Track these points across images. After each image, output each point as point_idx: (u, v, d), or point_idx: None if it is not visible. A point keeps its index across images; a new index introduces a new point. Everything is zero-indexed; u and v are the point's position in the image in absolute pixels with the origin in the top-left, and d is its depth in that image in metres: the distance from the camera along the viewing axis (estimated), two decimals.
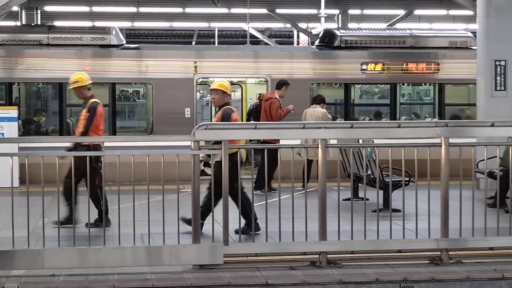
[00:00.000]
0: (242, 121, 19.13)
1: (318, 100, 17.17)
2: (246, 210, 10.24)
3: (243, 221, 10.09)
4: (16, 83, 19.08)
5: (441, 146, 9.27)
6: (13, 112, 17.58)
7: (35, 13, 28.25)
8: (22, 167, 9.50)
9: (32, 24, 25.95)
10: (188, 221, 9.64)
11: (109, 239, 8.97)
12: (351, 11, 28.79)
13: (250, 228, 9.98)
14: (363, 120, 20.00)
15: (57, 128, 19.09)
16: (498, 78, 16.66)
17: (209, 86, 21.46)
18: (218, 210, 8.97)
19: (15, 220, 8.72)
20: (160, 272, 8.76)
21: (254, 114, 16.78)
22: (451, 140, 9.31)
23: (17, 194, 8.93)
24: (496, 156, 9.66)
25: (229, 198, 9.05)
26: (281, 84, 16.85)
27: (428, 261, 9.25)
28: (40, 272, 8.63)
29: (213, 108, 21.90)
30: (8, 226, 8.73)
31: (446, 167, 9.27)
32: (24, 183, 9.32)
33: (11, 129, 17.33)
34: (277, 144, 13.12)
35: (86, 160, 8.92)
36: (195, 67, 18.89)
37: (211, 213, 9.29)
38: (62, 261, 8.67)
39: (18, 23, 27.97)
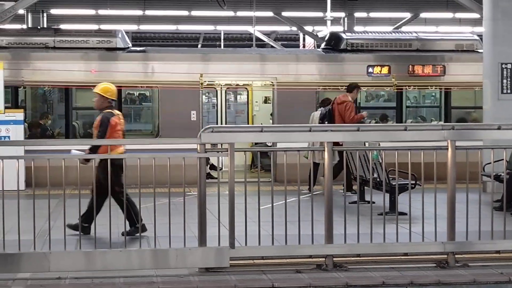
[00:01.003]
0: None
1: (326, 103, 17.16)
2: (130, 213, 10.26)
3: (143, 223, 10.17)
4: (22, 86, 19.10)
5: (447, 149, 9.25)
6: (19, 115, 17.60)
7: (41, 16, 28.28)
8: (28, 170, 9.50)
9: (38, 27, 26.00)
10: (73, 227, 9.75)
11: (115, 242, 8.96)
12: (357, 14, 28.76)
13: (136, 230, 10.00)
14: (369, 123, 19.97)
15: (63, 131, 19.11)
16: (505, 81, 16.62)
17: (215, 89, 21.62)
18: (224, 213, 8.96)
19: (21, 223, 8.73)
20: (166, 275, 8.76)
21: (328, 117, 16.78)
22: (458, 143, 9.29)
23: (23, 197, 8.94)
24: (502, 159, 9.64)
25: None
26: (353, 87, 16.92)
27: (435, 264, 9.23)
28: (46, 275, 8.63)
29: (219, 110, 21.90)
30: (14, 229, 8.74)
31: (453, 170, 9.26)
32: (30, 186, 9.32)
33: (17, 132, 17.35)
34: (276, 147, 13.10)
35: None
36: (201, 76, 18.89)
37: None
38: (68, 264, 8.67)
39: (24, 26, 28.00)
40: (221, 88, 21.86)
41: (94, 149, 10.53)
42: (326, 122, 16.30)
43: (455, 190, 9.30)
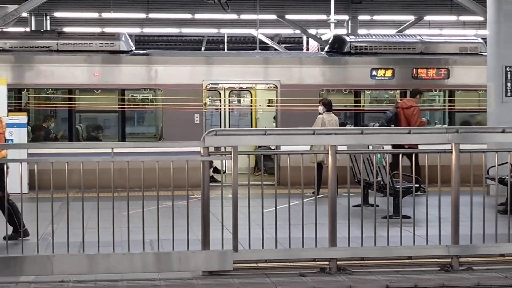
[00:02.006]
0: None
1: (331, 106, 17.18)
2: (13, 218, 10.25)
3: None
4: (25, 89, 19.10)
5: (451, 152, 9.23)
6: (22, 118, 17.60)
7: (44, 19, 28.30)
8: (31, 173, 9.49)
9: (42, 30, 26.01)
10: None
11: (118, 245, 8.95)
12: (361, 17, 28.76)
13: (18, 234, 9.99)
14: (373, 126, 19.94)
15: (66, 134, 19.11)
16: (509, 84, 16.61)
17: (219, 92, 21.62)
18: (227, 216, 8.94)
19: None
20: (170, 278, 8.75)
21: (394, 120, 17.00)
22: (462, 146, 9.27)
23: (26, 200, 8.93)
24: (507, 162, 9.61)
25: None
26: (416, 92, 17.17)
27: (439, 268, 9.20)
28: (49, 278, 8.62)
29: (222, 114, 21.92)
30: None
31: (457, 173, 9.23)
32: (33, 189, 9.32)
33: (21, 135, 17.35)
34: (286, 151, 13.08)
35: None
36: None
37: None
38: (71, 267, 8.66)
39: (28, 29, 28.02)
40: (224, 91, 21.87)
41: None
42: (393, 125, 16.50)
43: (459, 193, 9.27)
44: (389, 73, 19.72)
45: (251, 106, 22.62)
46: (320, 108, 17.09)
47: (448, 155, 9.25)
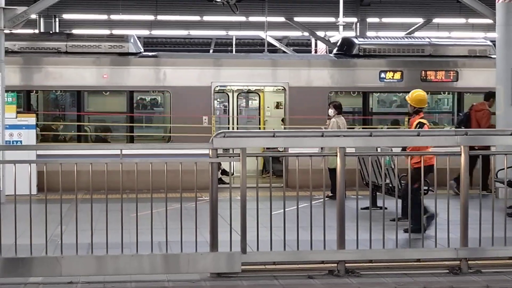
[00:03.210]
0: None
1: (342, 109, 17.20)
2: None
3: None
4: (34, 91, 19.15)
5: (460, 154, 9.21)
6: (31, 119, 17.64)
7: (53, 21, 28.36)
8: (40, 174, 9.52)
9: (51, 32, 26.07)
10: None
11: (126, 246, 8.95)
12: (370, 19, 28.73)
13: None
14: (381, 128, 19.93)
15: (75, 135, 19.13)
16: None
17: (227, 94, 21.62)
18: (236, 218, 8.93)
19: (33, 228, 8.74)
20: (178, 280, 8.76)
21: (465, 122, 17.33)
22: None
23: (35, 201, 8.94)
24: None
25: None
26: (490, 95, 17.36)
27: (447, 271, 9.19)
28: (58, 280, 8.64)
29: (231, 116, 21.93)
30: (26, 233, 8.74)
31: (466, 176, 9.21)
32: (42, 191, 9.33)
33: (29, 137, 17.39)
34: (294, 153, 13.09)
35: None
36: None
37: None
38: (80, 268, 8.67)
39: (37, 31, 28.07)
40: (232, 93, 21.88)
41: None
42: (463, 127, 16.69)
43: (468, 196, 9.25)
44: (397, 75, 19.70)
45: (259, 108, 22.61)
46: (331, 111, 17.07)
47: (457, 158, 9.24)
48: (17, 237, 8.71)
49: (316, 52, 33.01)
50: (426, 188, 11.48)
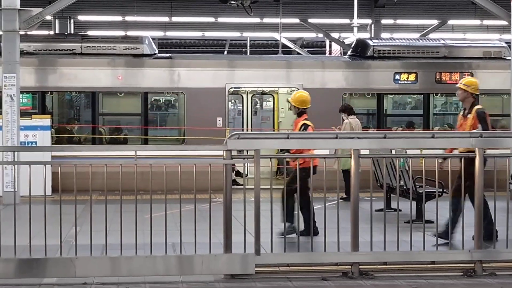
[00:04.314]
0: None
1: (352, 109, 17.20)
2: None
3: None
4: (49, 92, 19.22)
5: (475, 157, 9.19)
6: (46, 121, 17.70)
7: (68, 22, 28.45)
8: (55, 175, 9.52)
9: (66, 34, 26.15)
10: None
11: (140, 248, 8.97)
12: (384, 21, 28.68)
13: None
14: (396, 130, 19.89)
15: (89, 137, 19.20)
16: None
17: (241, 96, 21.62)
18: (249, 220, 8.93)
19: (47, 229, 8.77)
20: (192, 281, 8.76)
21: None
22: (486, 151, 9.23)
23: (49, 202, 8.96)
24: None
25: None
26: None
27: (462, 273, 9.16)
28: (72, 281, 8.65)
29: (245, 117, 21.95)
30: (40, 234, 8.77)
31: (480, 178, 9.19)
32: (56, 192, 9.35)
33: (44, 138, 17.45)
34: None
35: None
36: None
37: None
38: (94, 269, 8.69)
39: (52, 33, 28.16)
40: (247, 94, 21.89)
41: None
42: None
43: (482, 198, 9.23)
44: (412, 77, 19.67)
45: (273, 109, 22.61)
46: (344, 114, 17.11)
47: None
48: (32, 238, 8.74)
49: (330, 53, 32.98)
50: (440, 190, 11.44)
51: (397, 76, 19.61)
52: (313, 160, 10.51)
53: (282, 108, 22.56)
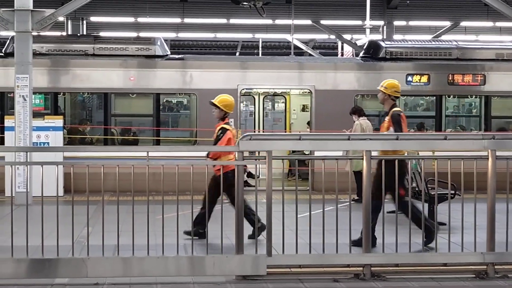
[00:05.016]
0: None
1: (363, 111, 17.19)
2: None
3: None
4: (61, 93, 19.27)
5: (487, 158, 9.16)
6: (58, 121, 17.74)
7: (80, 23, 28.51)
8: (67, 176, 9.54)
9: (78, 35, 26.22)
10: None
11: (152, 248, 8.98)
12: (397, 23, 28.63)
13: None
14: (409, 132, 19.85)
15: (101, 137, 19.23)
16: None
17: (253, 97, 21.62)
18: (261, 220, 8.93)
19: (59, 229, 8.79)
20: (203, 282, 8.76)
21: None
22: (498, 153, 9.20)
23: (61, 203, 8.99)
24: None
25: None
26: None
27: (474, 275, 9.13)
28: (84, 281, 8.67)
29: (257, 118, 21.96)
30: (52, 234, 8.79)
31: (493, 180, 9.16)
32: (68, 192, 9.37)
33: (56, 139, 17.49)
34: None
35: None
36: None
37: None
38: (106, 269, 8.70)
39: (64, 34, 28.24)
40: (259, 96, 21.89)
41: None
42: None
43: (495, 200, 9.19)
44: (424, 78, 19.64)
45: (285, 111, 22.62)
46: (355, 116, 17.10)
47: (484, 162, 9.18)
48: (44, 238, 8.76)
49: (342, 55, 32.95)
50: (453, 192, 11.41)
51: (409, 78, 19.58)
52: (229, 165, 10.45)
53: (294, 110, 22.57)
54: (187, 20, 27.98)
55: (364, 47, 21.89)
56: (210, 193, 10.83)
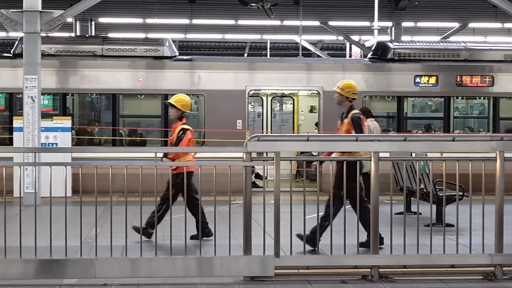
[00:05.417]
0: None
1: (371, 112, 17.18)
2: None
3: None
4: (70, 94, 19.30)
5: (496, 160, 9.15)
6: (66, 122, 17.78)
7: (89, 24, 28.57)
8: (75, 177, 9.57)
9: (87, 36, 26.28)
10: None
11: (160, 249, 8.99)
12: (405, 24, 28.63)
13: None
14: (416, 133, 19.85)
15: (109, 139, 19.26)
16: None
17: (261, 98, 21.63)
18: (269, 222, 8.94)
19: (68, 229, 8.80)
20: (211, 283, 8.76)
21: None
22: (507, 154, 9.18)
23: (70, 203, 9.00)
24: None
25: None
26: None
27: (482, 277, 9.12)
28: (92, 282, 8.68)
29: (265, 119, 21.96)
30: (61, 235, 8.81)
31: (501, 182, 9.14)
32: (76, 193, 9.39)
33: (65, 139, 17.53)
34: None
35: None
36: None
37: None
38: (114, 270, 8.71)
39: (73, 35, 28.30)
40: (267, 97, 21.90)
41: None
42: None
43: (503, 201, 9.18)
44: (432, 80, 19.61)
45: (293, 112, 22.62)
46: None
47: (492, 163, 9.17)
48: (52, 239, 8.79)
49: (350, 56, 32.94)
50: (461, 193, 11.39)
51: (417, 79, 19.56)
52: (187, 166, 10.43)
53: (302, 111, 22.56)
54: (195, 21, 28.03)
55: (372, 48, 21.88)
56: (167, 194, 10.75)
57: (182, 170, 10.43)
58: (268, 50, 36.95)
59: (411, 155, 11.79)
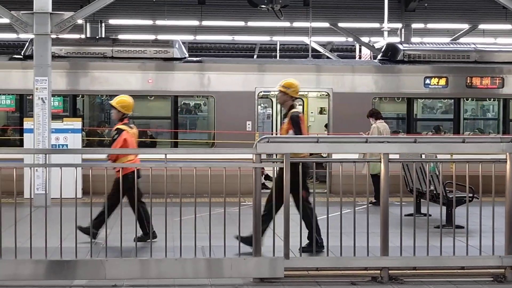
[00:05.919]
0: None
1: (380, 114, 17.18)
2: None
3: None
4: (80, 95, 19.35)
5: (506, 161, 9.13)
6: (77, 124, 17.82)
7: (99, 26, 28.64)
8: (85, 178, 9.59)
9: (97, 37, 26.33)
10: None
11: (170, 250, 9.00)
12: (415, 25, 28.61)
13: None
14: (426, 135, 19.82)
15: None
16: None
17: (271, 99, 21.62)
18: (279, 223, 8.95)
19: (78, 231, 8.82)
20: (221, 284, 8.78)
21: None
22: None
23: (80, 204, 9.02)
24: None
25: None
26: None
27: (492, 279, 9.10)
28: (102, 283, 8.70)
29: (274, 121, 21.97)
30: (71, 236, 8.84)
31: (511, 183, 9.12)
32: (87, 194, 9.41)
33: (75, 141, 17.57)
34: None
35: None
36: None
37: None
38: (124, 271, 8.73)
39: (83, 36, 28.36)
40: (276, 98, 21.87)
41: None
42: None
43: None
44: (442, 81, 19.57)
45: (303, 113, 22.60)
46: (372, 119, 17.09)
47: (503, 165, 9.15)
48: (62, 240, 8.81)
49: (360, 57, 32.93)
50: (471, 195, 11.37)
51: (427, 81, 19.52)
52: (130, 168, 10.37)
53: (312, 112, 22.55)
54: (205, 23, 28.07)
55: (382, 49, 21.85)
56: (112, 195, 10.60)
57: (127, 171, 10.43)
58: (278, 51, 36.99)
59: (421, 156, 11.77)
